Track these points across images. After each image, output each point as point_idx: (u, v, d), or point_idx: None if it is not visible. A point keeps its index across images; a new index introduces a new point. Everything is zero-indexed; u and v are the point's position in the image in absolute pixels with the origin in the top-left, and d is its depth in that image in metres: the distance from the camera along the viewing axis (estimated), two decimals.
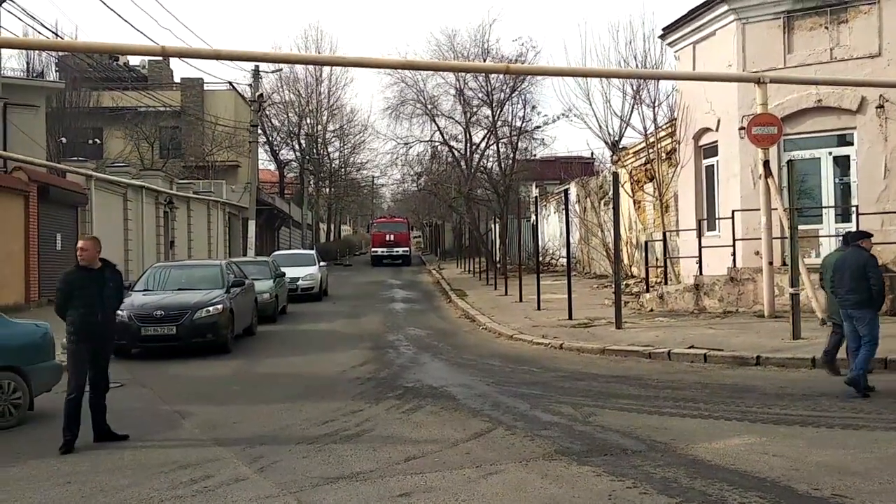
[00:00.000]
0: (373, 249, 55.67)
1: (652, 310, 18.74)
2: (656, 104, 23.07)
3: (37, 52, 37.56)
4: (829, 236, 17.38)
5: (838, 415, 8.63)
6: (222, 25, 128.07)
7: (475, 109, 38.94)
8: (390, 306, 25.30)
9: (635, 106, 23.91)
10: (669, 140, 22.62)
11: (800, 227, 14.43)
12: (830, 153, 17.70)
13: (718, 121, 19.10)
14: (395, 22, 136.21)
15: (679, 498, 6.04)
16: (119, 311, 14.88)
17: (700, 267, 18.67)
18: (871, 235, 10.56)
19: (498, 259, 35.30)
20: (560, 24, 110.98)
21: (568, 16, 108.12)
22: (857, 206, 16.83)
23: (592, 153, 42.94)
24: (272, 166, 61.09)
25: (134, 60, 50.37)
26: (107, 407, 8.65)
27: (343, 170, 62.83)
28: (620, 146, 26.67)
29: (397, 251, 53.93)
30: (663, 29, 21.34)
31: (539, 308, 20.42)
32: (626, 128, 25.00)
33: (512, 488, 6.48)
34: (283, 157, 59.34)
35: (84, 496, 6.73)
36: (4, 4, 23.16)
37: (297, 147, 58.27)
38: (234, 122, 45.27)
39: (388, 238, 54.08)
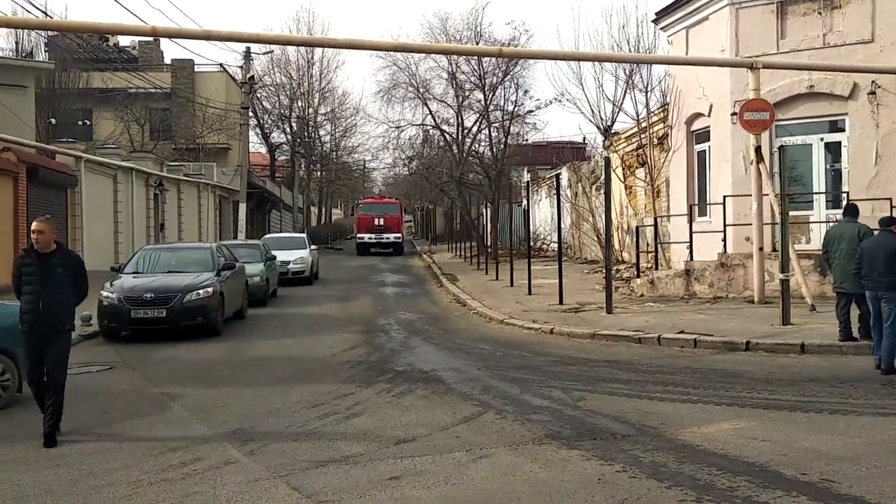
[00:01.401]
0: (358, 236, 47.94)
1: (642, 295, 18.77)
2: (649, 89, 22.99)
3: (26, 31, 37.18)
4: (820, 222, 17.42)
5: (826, 400, 8.66)
6: (214, 6, 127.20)
7: (467, 93, 38.86)
8: (381, 290, 25.29)
9: (628, 91, 23.80)
10: (661, 125, 22.58)
11: (790, 213, 14.45)
12: (822, 139, 17.71)
13: (711, 106, 19.08)
14: (388, 4, 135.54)
15: (668, 482, 6.06)
16: (109, 294, 15.07)
17: (691, 252, 18.69)
18: None
19: (489, 244, 35.30)
20: (553, 7, 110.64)
21: None
22: (847, 193, 16.85)
23: (584, 138, 43.00)
24: (263, 149, 60.90)
25: (124, 41, 49.98)
26: (61, 407, 7.91)
27: (334, 153, 62.65)
28: (612, 131, 26.59)
29: (387, 238, 46.31)
30: (657, 13, 21.28)
31: (530, 293, 20.43)
32: (618, 113, 24.87)
33: (501, 472, 6.49)
34: (274, 139, 59.17)
35: (73, 479, 6.71)
36: None
37: (288, 130, 58.06)
38: (225, 104, 45.02)
39: (376, 222, 46.34)
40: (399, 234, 47.40)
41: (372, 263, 37.99)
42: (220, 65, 45.71)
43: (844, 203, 16.52)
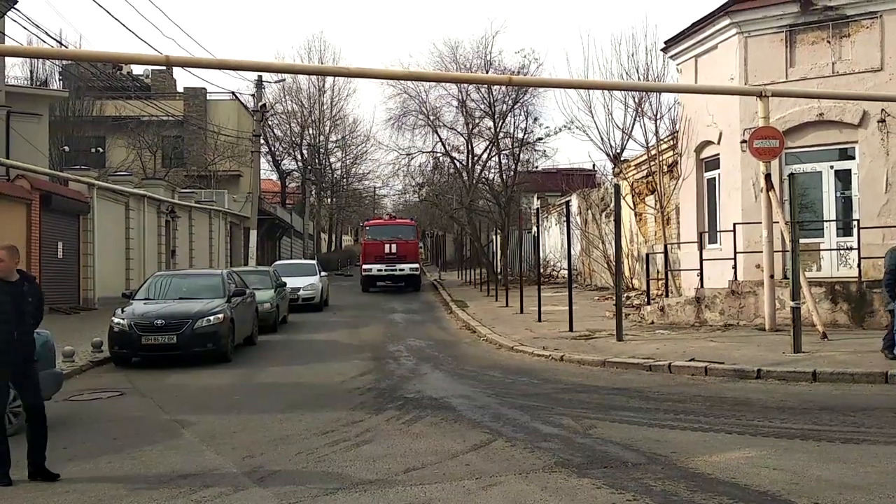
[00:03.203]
0: (364, 266, 37.40)
1: (653, 322, 18.72)
2: (658, 117, 23.11)
3: (41, 60, 37.68)
4: (831, 250, 17.38)
5: (839, 429, 8.60)
6: (226, 35, 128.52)
7: (477, 121, 39.09)
8: (391, 317, 25.29)
9: (637, 118, 23.95)
10: (671, 153, 22.65)
11: (801, 241, 14.43)
12: (832, 167, 17.71)
13: (720, 134, 19.13)
14: (398, 33, 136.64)
15: None
16: (120, 320, 15.14)
17: (701, 280, 18.66)
18: None
19: (499, 270, 35.30)
20: (563, 36, 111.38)
21: (570, 28, 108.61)
22: (858, 220, 16.83)
23: (594, 165, 43.08)
24: (274, 176, 61.33)
25: (137, 70, 50.52)
26: (47, 438, 7.67)
27: (345, 180, 62.98)
28: (622, 158, 26.69)
29: (401, 269, 36.70)
30: (665, 42, 21.39)
31: (540, 320, 20.40)
32: (627, 140, 25.03)
33: (511, 500, 6.46)
34: (285, 167, 59.59)
35: None
36: (9, 13, 23.27)
37: (299, 157, 58.47)
38: (237, 131, 45.41)
39: (386, 249, 36.77)
40: (415, 265, 37.71)
41: (381, 291, 37.99)
42: (232, 93, 46.23)
43: (855, 231, 16.54)
